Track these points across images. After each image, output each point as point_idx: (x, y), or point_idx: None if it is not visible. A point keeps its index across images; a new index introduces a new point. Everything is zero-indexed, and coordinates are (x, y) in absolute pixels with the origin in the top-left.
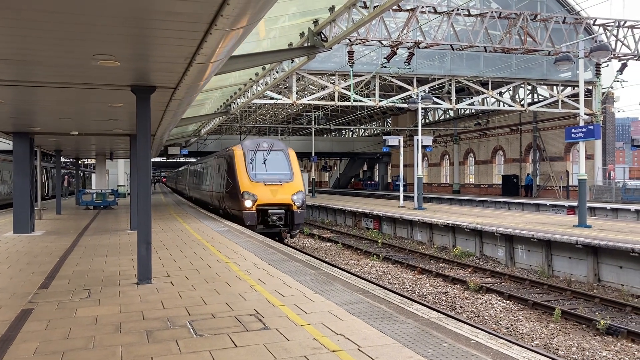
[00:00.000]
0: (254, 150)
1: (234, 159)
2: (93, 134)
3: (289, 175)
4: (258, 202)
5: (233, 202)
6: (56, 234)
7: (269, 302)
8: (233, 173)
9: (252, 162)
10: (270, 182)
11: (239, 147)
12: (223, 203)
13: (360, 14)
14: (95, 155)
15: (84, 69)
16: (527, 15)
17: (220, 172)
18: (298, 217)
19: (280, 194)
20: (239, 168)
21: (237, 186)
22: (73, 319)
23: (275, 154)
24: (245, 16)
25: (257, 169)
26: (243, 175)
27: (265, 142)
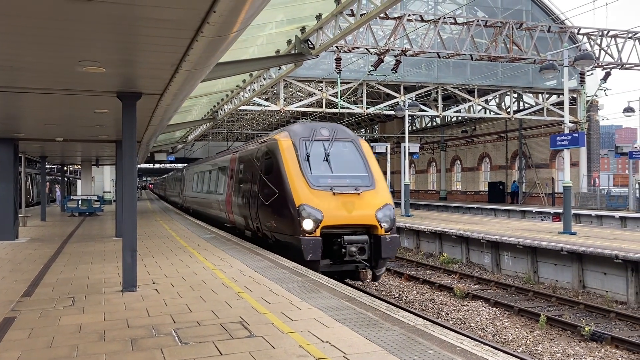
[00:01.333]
0: (310, 139)
1: (278, 154)
2: (78, 140)
3: (367, 179)
4: (324, 223)
5: (278, 221)
6: (40, 241)
7: (255, 309)
8: (278, 175)
9: (308, 159)
10: (342, 190)
11: (284, 135)
12: (256, 221)
13: (347, 21)
14: (81, 161)
15: (69, 75)
16: (513, 24)
17: (250, 174)
18: (387, 246)
19: (359, 208)
20: (289, 168)
21: (288, 196)
22: (56, 327)
23: (341, 146)
24: (232, 23)
25: (318, 170)
26: (297, 179)
27: (324, 128)
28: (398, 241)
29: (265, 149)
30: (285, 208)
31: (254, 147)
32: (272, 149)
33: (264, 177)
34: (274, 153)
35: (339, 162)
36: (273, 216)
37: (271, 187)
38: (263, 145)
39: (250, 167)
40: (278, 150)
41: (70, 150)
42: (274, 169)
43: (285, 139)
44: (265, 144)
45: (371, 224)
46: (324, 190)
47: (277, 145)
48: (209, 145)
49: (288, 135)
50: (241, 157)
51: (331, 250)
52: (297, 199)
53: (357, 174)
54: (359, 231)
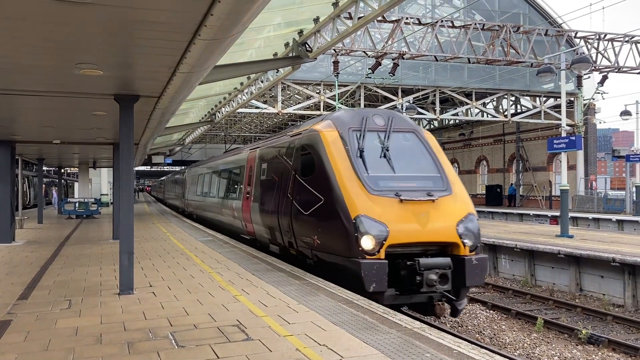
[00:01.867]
0: (361, 129)
1: (322, 149)
2: (76, 142)
3: (441, 182)
4: (391, 241)
5: (324, 236)
6: (37, 243)
7: (252, 312)
8: (323, 177)
9: (362, 155)
10: (411, 195)
11: (326, 124)
12: (287, 235)
13: (344, 24)
14: (78, 164)
15: (66, 78)
16: (510, 28)
17: (278, 175)
18: (473, 271)
19: (435, 220)
20: (338, 166)
21: (339, 204)
22: (53, 330)
23: (402, 139)
24: (229, 27)
25: (377, 169)
26: (350, 181)
27: (377, 115)
28: (486, 264)
29: (301, 143)
30: (334, 219)
31: (282, 142)
32: (312, 143)
33: (300, 179)
34: (316, 148)
35: (402, 158)
36: (315, 230)
37: (312, 191)
38: (297, 139)
39: (277, 166)
40: (321, 144)
41: (67, 153)
42: (316, 169)
43: (330, 129)
44: (301, 136)
45: (451, 241)
46: (388, 196)
47: (319, 137)
48: (206, 148)
49: (332, 124)
50: (263, 154)
51: (397, 276)
52: (353, 207)
53: (427, 174)
54: (430, 250)
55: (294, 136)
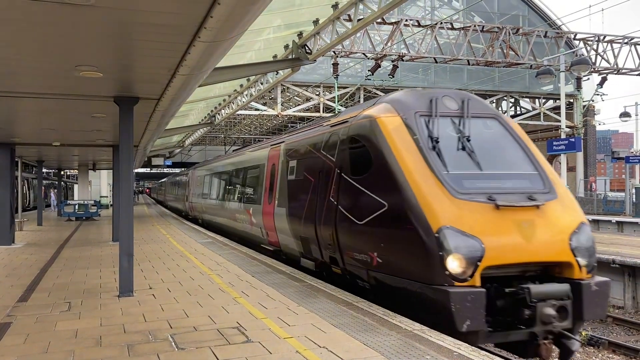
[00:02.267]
0: (431, 114)
1: (381, 140)
2: (75, 144)
3: (540, 181)
4: (489, 261)
5: (389, 253)
6: (37, 245)
7: (252, 314)
8: (386, 175)
9: (436, 147)
10: (509, 200)
11: (384, 108)
12: (330, 249)
13: (344, 27)
14: (78, 166)
15: (66, 80)
16: (510, 29)
17: (314, 174)
18: (593, 300)
19: (541, 232)
20: (406, 162)
21: (413, 211)
22: (52, 333)
23: (482, 126)
24: (229, 29)
25: (458, 164)
26: (425, 180)
27: (447, 97)
28: (609, 290)
29: (349, 134)
30: (405, 232)
31: (318, 134)
32: (366, 133)
33: (348, 179)
34: (372, 139)
35: (487, 151)
36: (374, 244)
37: (368, 194)
38: (342, 129)
39: (312, 163)
40: (379, 133)
41: (67, 155)
42: (374, 165)
43: (389, 114)
44: (347, 125)
45: (563, 260)
46: (477, 200)
47: (377, 125)
48: (206, 150)
49: (392, 108)
50: (292, 149)
51: (491, 306)
52: (433, 216)
53: (522, 171)
54: (529, 271)
55: (335, 126)
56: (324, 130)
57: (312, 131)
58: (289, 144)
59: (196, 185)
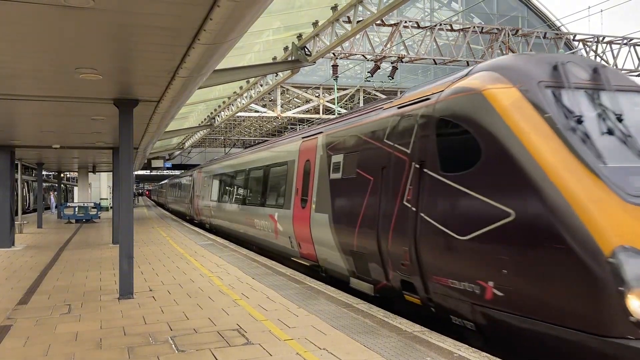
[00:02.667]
0: (562, 85)
1: (494, 119)
2: (75, 147)
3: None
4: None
5: (523, 284)
6: (37, 248)
7: (252, 316)
8: (508, 169)
9: (578, 130)
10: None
11: (490, 77)
12: (404, 270)
13: (343, 28)
14: (78, 168)
15: (66, 82)
16: (509, 31)
17: (374, 169)
18: None
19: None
20: (539, 150)
21: (566, 223)
22: (52, 335)
23: (631, 103)
24: (228, 31)
25: (615, 155)
26: (576, 177)
27: (574, 64)
28: None
29: (436, 115)
30: (551, 253)
31: (378, 118)
32: (466, 112)
33: (437, 176)
34: (479, 119)
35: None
36: (492, 270)
37: (479, 198)
38: (423, 108)
39: (370, 157)
40: (490, 111)
41: (67, 157)
42: (488, 156)
43: (501, 85)
44: (431, 103)
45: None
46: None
47: (484, 100)
48: (205, 152)
49: (503, 77)
50: (336, 141)
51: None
52: (600, 230)
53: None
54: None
55: (405, 106)
56: (388, 113)
57: (366, 117)
58: (331, 135)
59: (203, 186)
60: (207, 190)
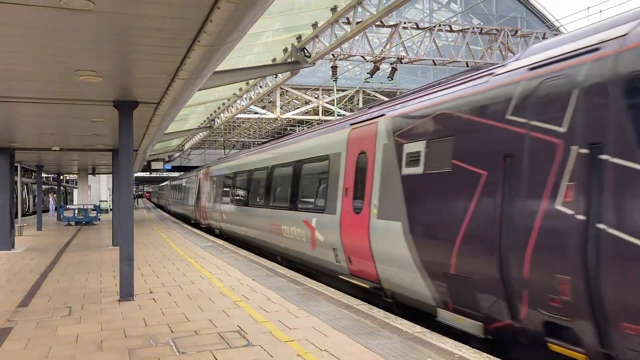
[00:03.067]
0: None
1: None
2: (75, 149)
3: None
4: None
5: None
6: (37, 250)
7: (252, 318)
8: None
9: None
10: None
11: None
12: (561, 310)
13: (343, 30)
14: (78, 170)
15: (66, 85)
16: (508, 31)
17: (485, 158)
18: None
19: None
20: None
21: None
22: (53, 338)
23: None
24: (228, 33)
25: None
26: None
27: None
28: None
29: (624, 70)
30: None
31: (490, 87)
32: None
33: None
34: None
35: None
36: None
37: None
38: (588, 64)
39: (476, 143)
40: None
41: (66, 159)
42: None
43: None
44: (612, 54)
45: None
46: None
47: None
48: (205, 154)
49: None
50: (412, 124)
51: None
52: None
53: None
54: None
55: (545, 65)
56: (510, 79)
57: (463, 88)
58: (401, 117)
59: (214, 186)
60: (217, 191)
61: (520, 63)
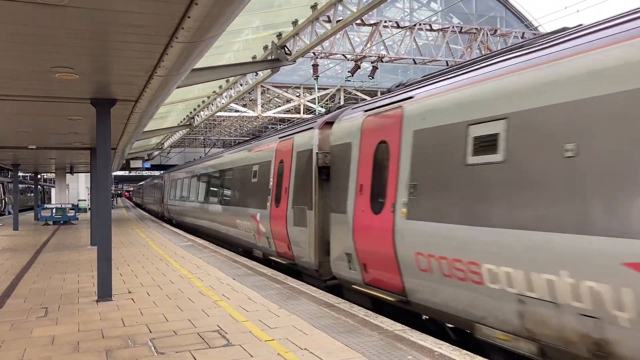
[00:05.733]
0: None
1: None
2: (52, 147)
3: None
4: None
5: None
6: (13, 250)
7: (232, 317)
8: None
9: None
10: None
11: None
12: None
13: (323, 28)
14: (55, 169)
15: (41, 82)
16: (487, 31)
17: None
18: None
19: None
20: None
21: None
22: (28, 340)
23: None
24: (207, 29)
25: None
26: None
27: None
28: None
29: None
30: None
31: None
32: None
33: None
34: None
35: None
36: None
37: None
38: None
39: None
40: None
41: (44, 158)
42: None
43: None
44: None
45: None
46: None
47: None
48: (185, 152)
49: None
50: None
51: None
52: None
53: None
54: None
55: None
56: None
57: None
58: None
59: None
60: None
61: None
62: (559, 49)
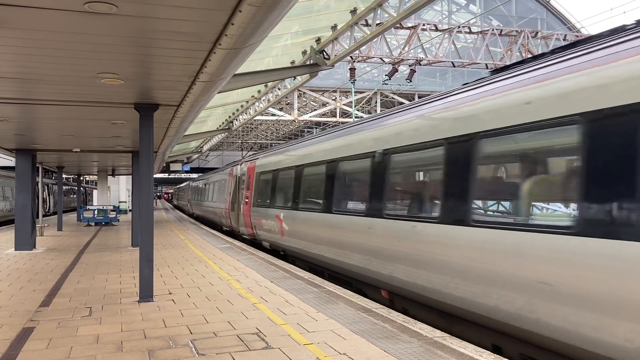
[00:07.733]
0: None
1: None
2: (95, 150)
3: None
4: None
5: None
6: (57, 250)
7: (271, 320)
8: None
9: None
10: None
11: None
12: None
13: (362, 32)
14: (97, 171)
15: (87, 87)
16: (528, 33)
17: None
18: None
19: None
20: None
21: None
22: (74, 338)
23: None
24: (250, 36)
25: None
26: None
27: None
28: None
29: None
30: None
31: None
32: None
33: None
34: None
35: None
36: None
37: None
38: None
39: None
40: None
41: (86, 161)
42: None
43: None
44: None
45: None
46: None
47: None
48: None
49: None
50: None
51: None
52: None
53: None
54: None
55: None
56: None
57: None
58: None
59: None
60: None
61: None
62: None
